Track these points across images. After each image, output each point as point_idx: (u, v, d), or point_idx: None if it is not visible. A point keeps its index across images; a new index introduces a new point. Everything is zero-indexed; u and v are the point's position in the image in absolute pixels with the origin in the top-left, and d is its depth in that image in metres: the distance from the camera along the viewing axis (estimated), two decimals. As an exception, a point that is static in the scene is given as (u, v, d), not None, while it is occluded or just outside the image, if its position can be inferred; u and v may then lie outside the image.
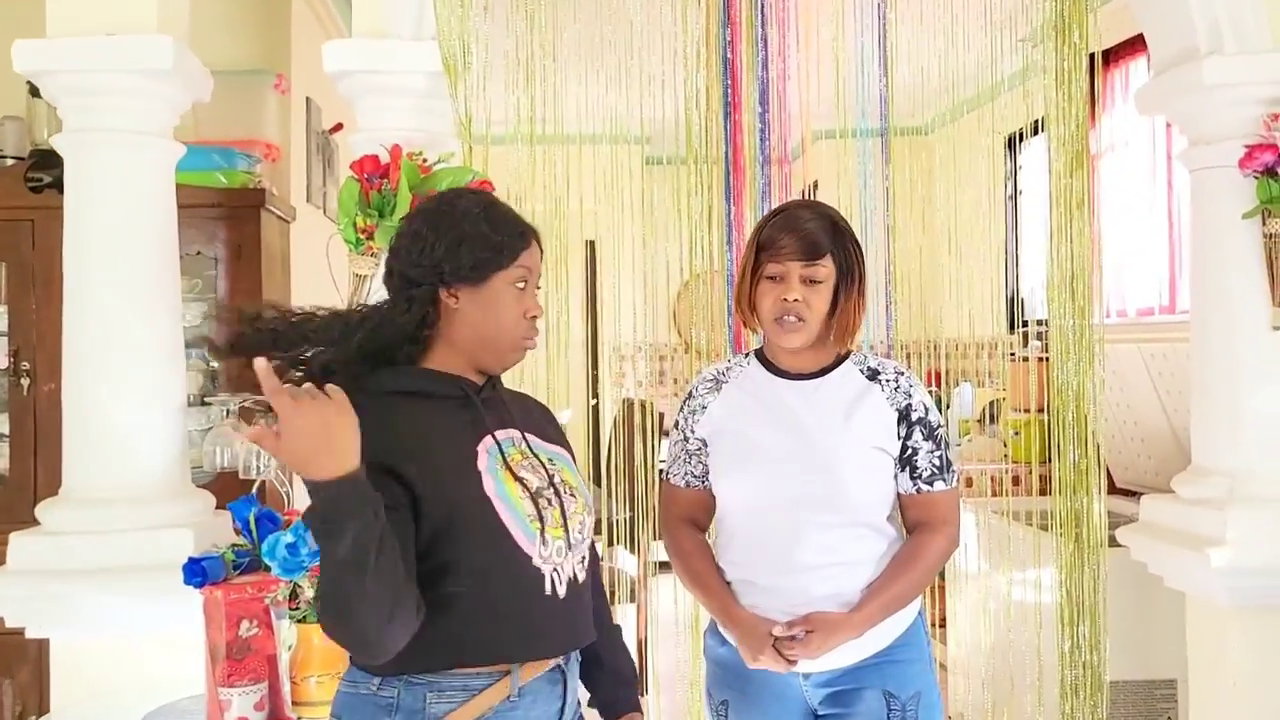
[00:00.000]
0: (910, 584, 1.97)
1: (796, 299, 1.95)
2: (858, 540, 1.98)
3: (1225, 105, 2.90)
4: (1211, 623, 2.96)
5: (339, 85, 2.81)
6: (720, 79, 2.70)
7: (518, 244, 1.67)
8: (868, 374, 2.03)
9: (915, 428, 1.99)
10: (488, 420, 1.66)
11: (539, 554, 1.59)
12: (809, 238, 1.95)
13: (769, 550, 1.99)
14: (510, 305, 1.66)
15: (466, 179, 2.61)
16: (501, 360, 1.71)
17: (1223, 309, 2.95)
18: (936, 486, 2.00)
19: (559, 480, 1.70)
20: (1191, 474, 3.05)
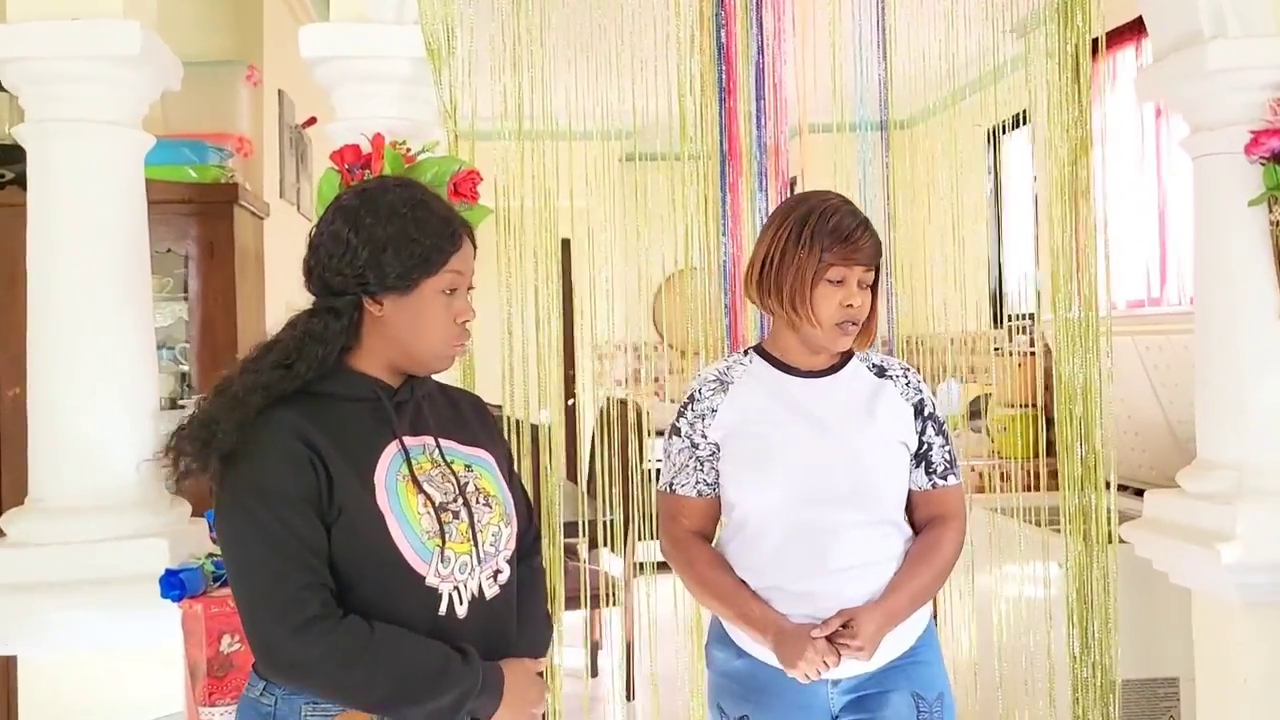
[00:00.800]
0: (932, 577, 1.95)
1: (858, 304, 1.92)
2: (884, 539, 1.94)
3: (1229, 90, 2.83)
4: (1220, 620, 2.89)
5: (316, 72, 2.69)
6: (715, 64, 2.60)
7: (447, 247, 1.57)
8: (875, 371, 2.01)
9: (928, 423, 1.99)
10: (398, 426, 1.58)
11: (435, 572, 1.52)
12: (874, 241, 1.93)
13: (800, 553, 1.91)
14: (438, 313, 1.58)
15: (453, 169, 2.50)
16: (426, 367, 1.63)
17: (1228, 299, 2.89)
18: (949, 481, 2.00)
19: (473, 489, 1.62)
20: (1197, 468, 2.98)
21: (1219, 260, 2.91)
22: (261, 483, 1.46)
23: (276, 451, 1.47)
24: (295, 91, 4.45)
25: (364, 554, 1.49)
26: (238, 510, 1.47)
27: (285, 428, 1.48)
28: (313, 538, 1.46)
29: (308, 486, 1.47)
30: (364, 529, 1.49)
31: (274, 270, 4.05)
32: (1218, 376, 2.92)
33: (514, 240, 2.56)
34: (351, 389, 1.57)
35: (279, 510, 1.45)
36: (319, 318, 1.56)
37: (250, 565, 1.46)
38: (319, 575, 1.46)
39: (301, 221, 4.59)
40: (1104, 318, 2.79)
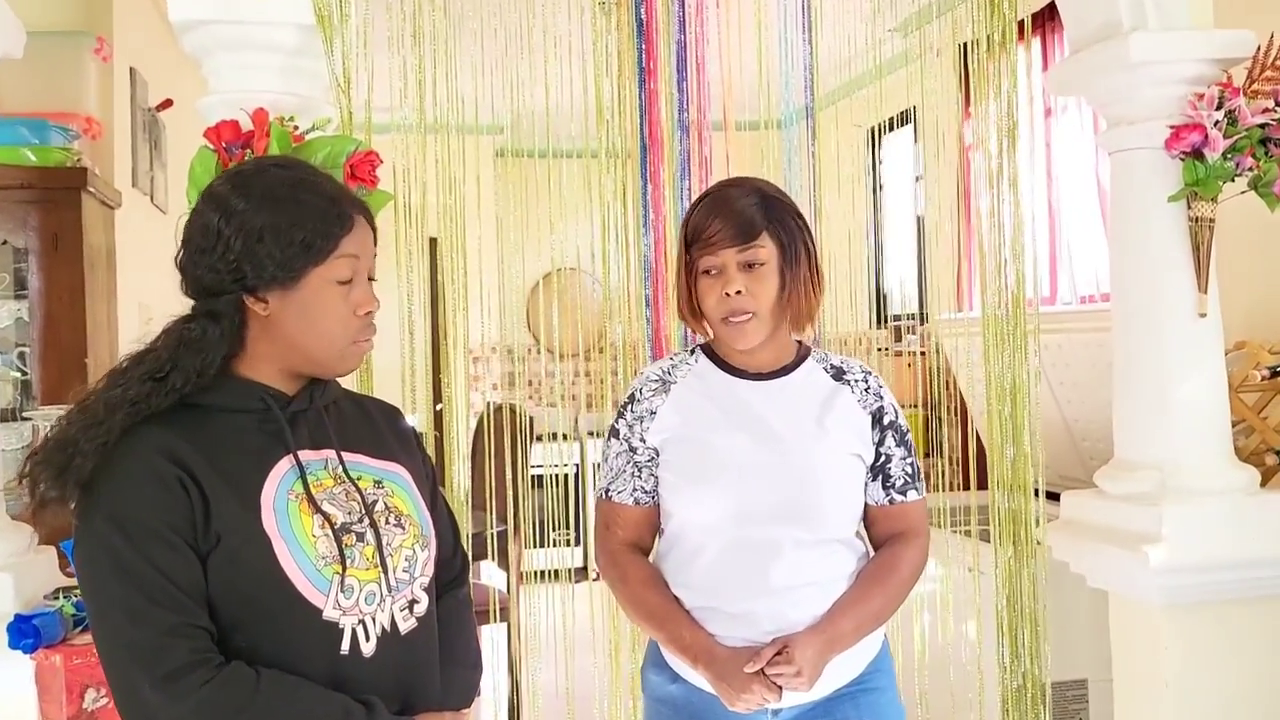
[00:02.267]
0: (886, 600, 1.79)
1: (739, 290, 1.71)
2: (831, 557, 1.78)
3: (1149, 84, 2.79)
4: (1141, 622, 2.84)
5: (185, 39, 2.38)
6: (633, 41, 2.40)
7: (335, 229, 1.38)
8: (832, 373, 1.85)
9: (888, 432, 1.83)
10: (293, 439, 1.39)
11: (335, 603, 1.33)
12: (738, 217, 1.72)
13: (737, 571, 1.74)
14: (333, 306, 1.39)
15: (348, 149, 2.24)
16: (330, 369, 1.44)
17: (1147, 296, 2.84)
18: (909, 496, 1.85)
19: (383, 507, 1.44)
20: (1116, 468, 2.93)
21: (1137, 257, 2.86)
22: (120, 510, 1.27)
23: (138, 473, 1.29)
24: (149, 70, 4.06)
25: (249, 585, 1.30)
26: (93, 543, 1.29)
27: (149, 446, 1.30)
28: (182, 572, 1.27)
29: (175, 512, 1.28)
30: (247, 556, 1.30)
31: (127, 266, 3.67)
32: (1138, 375, 2.87)
33: (415, 231, 2.30)
34: (236, 399, 1.39)
35: (140, 541, 1.26)
36: (195, 323, 1.38)
37: (108, 606, 1.27)
38: (190, 615, 1.27)
39: (156, 214, 4.19)
40: (1032, 314, 2.69)
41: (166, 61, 4.18)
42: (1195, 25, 2.81)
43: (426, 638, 1.47)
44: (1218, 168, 2.73)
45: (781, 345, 1.82)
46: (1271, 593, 2.78)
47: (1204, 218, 2.79)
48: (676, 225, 2.44)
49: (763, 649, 1.69)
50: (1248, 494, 2.80)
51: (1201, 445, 2.81)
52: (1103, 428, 3.86)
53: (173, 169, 4.33)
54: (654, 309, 2.45)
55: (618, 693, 2.94)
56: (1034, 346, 2.70)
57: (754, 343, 1.75)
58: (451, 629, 1.56)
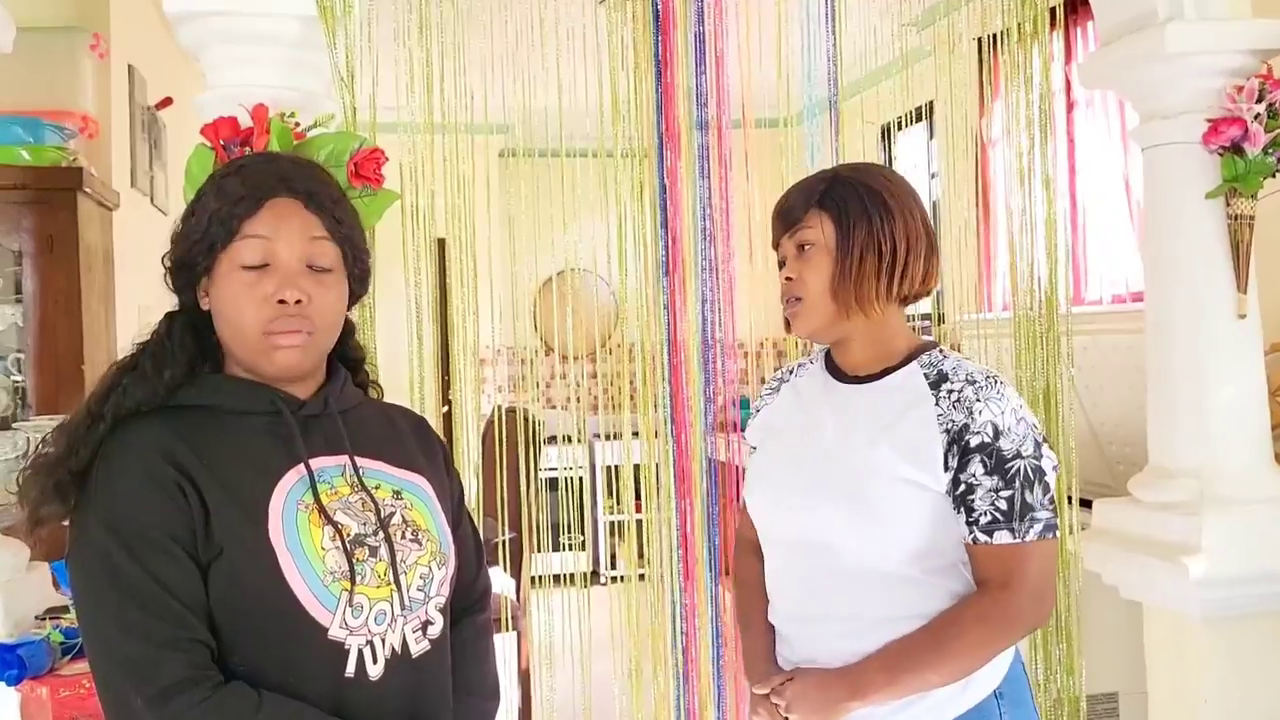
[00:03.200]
0: (938, 655, 1.52)
1: (790, 277, 1.60)
2: (884, 592, 1.56)
3: (1186, 76, 2.68)
4: (1178, 636, 2.73)
5: (182, 32, 2.27)
6: (650, 33, 2.29)
7: (240, 209, 1.28)
8: (933, 380, 1.58)
9: (975, 457, 1.51)
10: (307, 445, 1.30)
11: (341, 622, 1.24)
12: (787, 202, 1.63)
13: (785, 591, 1.66)
14: (239, 291, 1.28)
15: (352, 147, 2.13)
16: (256, 366, 1.31)
17: (1184, 297, 2.73)
18: (998, 537, 1.52)
19: (399, 521, 1.34)
20: (1152, 476, 2.81)
21: (1174, 257, 2.75)
22: (115, 515, 1.19)
23: (135, 476, 1.21)
24: (148, 67, 3.96)
25: (250, 600, 1.21)
26: (86, 551, 1.21)
27: (146, 445, 1.22)
28: (181, 582, 1.18)
29: (174, 518, 1.19)
30: (249, 569, 1.21)
31: (125, 269, 3.57)
32: (1174, 379, 2.76)
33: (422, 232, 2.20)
34: (243, 401, 1.30)
35: (136, 548, 1.17)
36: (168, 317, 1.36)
37: (102, 618, 1.19)
38: (189, 629, 1.18)
39: (155, 215, 4.09)
40: (1064, 316, 2.58)
41: (166, 58, 4.08)
42: (1232, 15, 2.70)
43: (439, 662, 1.37)
44: (1258, 163, 2.62)
45: (880, 342, 1.62)
46: (1314, 605, 2.68)
47: (1243, 215, 2.67)
48: (695, 224, 2.34)
49: (773, 676, 1.61)
50: (1291, 502, 2.69)
51: (1241, 452, 2.70)
52: (1131, 432, 3.75)
53: (173, 169, 4.22)
54: (671, 311, 2.34)
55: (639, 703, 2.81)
56: (1067, 351, 2.58)
57: (809, 331, 1.62)
58: (469, 656, 1.47)
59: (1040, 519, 1.53)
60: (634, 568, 2.79)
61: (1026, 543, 1.52)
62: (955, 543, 1.57)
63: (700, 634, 2.65)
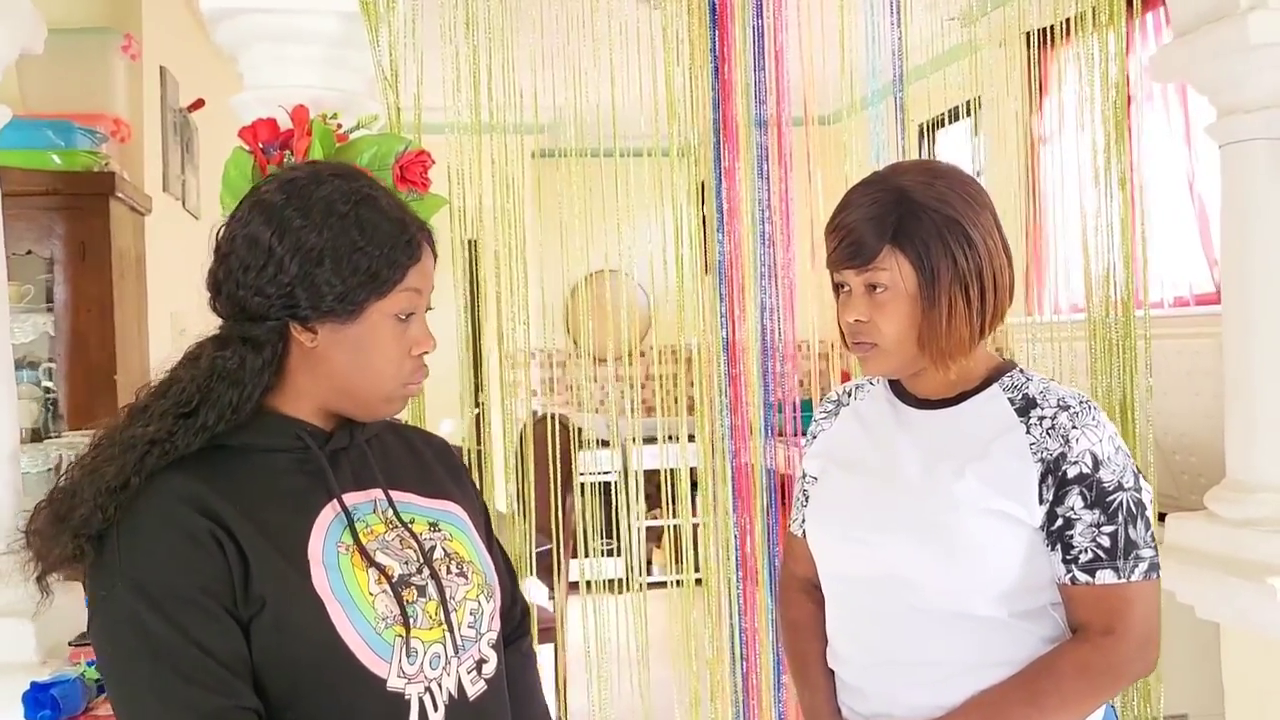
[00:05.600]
0: (1037, 707, 1.39)
1: (859, 319, 1.43)
2: (966, 637, 1.42)
3: (1269, 68, 2.53)
4: (1263, 657, 2.59)
5: (218, 31, 2.18)
6: (706, 26, 2.18)
7: (403, 258, 1.20)
8: (1020, 405, 1.45)
9: (1072, 489, 1.39)
10: (336, 480, 1.20)
11: (399, 671, 1.14)
12: (855, 231, 1.40)
13: (853, 636, 1.50)
14: (390, 344, 1.20)
15: (397, 150, 2.03)
16: (373, 412, 1.24)
17: (1265, 301, 2.59)
18: (1100, 577, 1.38)
19: (441, 554, 1.25)
20: (1231, 490, 2.67)
21: (1255, 258, 2.61)
22: (144, 574, 1.08)
23: (163, 530, 1.09)
24: (180, 68, 3.88)
25: (301, 656, 1.11)
26: (114, 615, 1.08)
27: (173, 496, 1.11)
28: (223, 645, 1.08)
29: (210, 573, 1.09)
30: (297, 623, 1.11)
31: (157, 276, 3.49)
32: (1257, 388, 2.61)
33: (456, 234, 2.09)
34: (270, 438, 1.20)
35: (170, 610, 1.06)
36: (232, 350, 1.18)
37: (137, 690, 1.07)
38: (234, 695, 1.07)
39: (188, 219, 4.01)
40: (1141, 319, 2.44)
41: (198, 59, 4.00)
42: (1317, 3, 2.56)
43: (498, 704, 1.27)
44: (1347, 159, 2.47)
45: (960, 368, 1.46)
46: (1407, 628, 2.53)
47: (1330, 214, 2.53)
48: (755, 225, 2.23)
49: None
50: (1380, 519, 2.55)
51: (1328, 465, 2.56)
52: (1197, 441, 3.60)
53: (205, 172, 4.15)
54: (729, 316, 2.22)
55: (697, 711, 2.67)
56: (1145, 359, 2.44)
57: (883, 373, 1.49)
58: (519, 689, 1.37)
59: (1145, 557, 1.40)
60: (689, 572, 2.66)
61: (1131, 582, 1.39)
62: (1047, 583, 1.44)
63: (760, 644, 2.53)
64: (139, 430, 1.14)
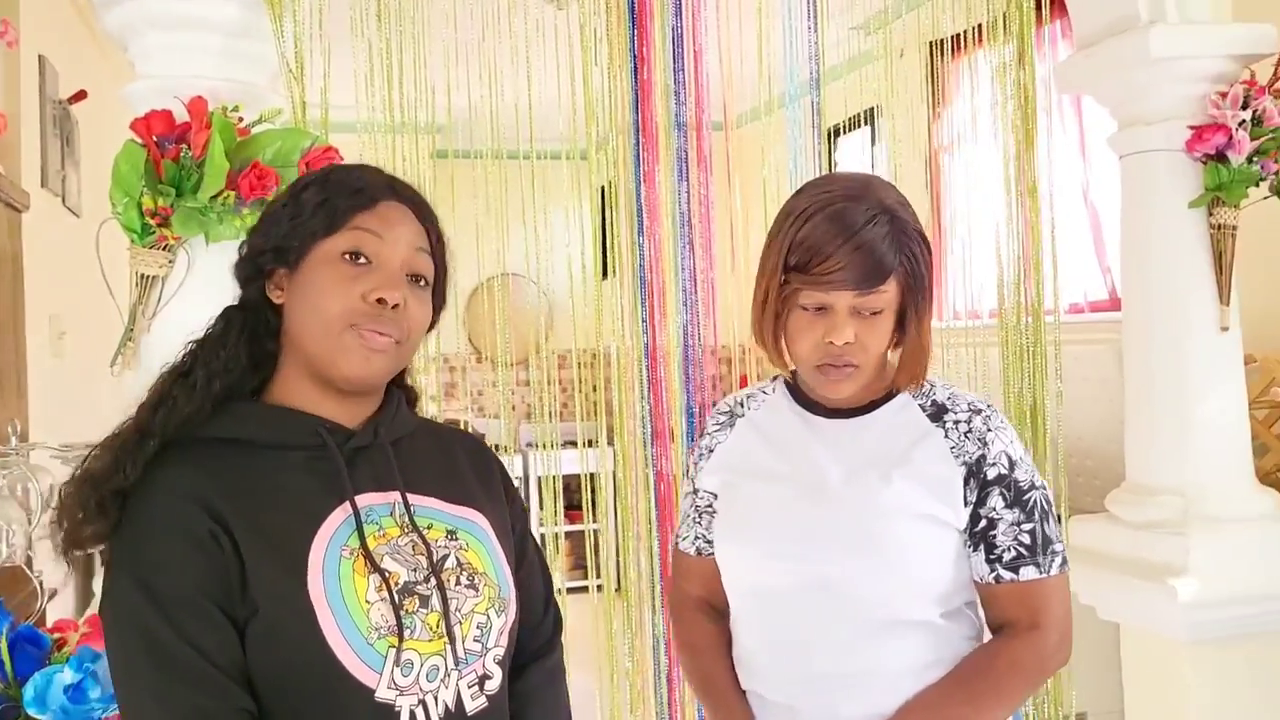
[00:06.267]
0: (976, 707, 1.40)
1: (849, 343, 1.38)
2: (899, 641, 1.42)
3: (1169, 81, 2.60)
4: (1163, 658, 2.65)
5: (108, 17, 2.06)
6: (625, 26, 2.13)
7: (349, 201, 1.20)
8: (931, 411, 1.47)
9: (994, 490, 1.42)
10: (355, 480, 1.18)
11: (390, 682, 1.12)
12: (868, 255, 1.34)
13: (780, 652, 1.45)
14: (335, 282, 1.17)
15: (303, 145, 1.94)
16: (329, 365, 1.18)
17: (1164, 309, 2.65)
18: (1024, 574, 1.42)
19: (453, 564, 1.21)
20: (1132, 493, 2.73)
21: (1155, 267, 2.67)
22: (147, 571, 1.09)
23: (167, 526, 1.10)
24: (60, 58, 3.67)
25: (289, 663, 1.10)
26: (119, 608, 1.10)
27: (180, 492, 1.11)
28: (218, 647, 1.08)
29: (208, 574, 1.09)
30: (288, 629, 1.10)
31: (35, 276, 3.28)
32: (1156, 393, 2.68)
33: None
34: (285, 433, 1.18)
35: (170, 609, 1.07)
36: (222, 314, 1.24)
37: (135, 688, 1.08)
38: (228, 698, 1.07)
39: (68, 217, 3.80)
40: (1051, 324, 2.48)
41: (80, 49, 3.80)
42: (1214, 18, 2.64)
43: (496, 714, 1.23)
44: (1242, 171, 2.55)
45: (875, 380, 1.47)
46: (1299, 625, 2.62)
47: (1225, 225, 2.61)
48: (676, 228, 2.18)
49: None
50: (1274, 520, 2.63)
51: (1225, 468, 2.63)
52: (1094, 445, 3.69)
53: (87, 168, 3.93)
54: (650, 328, 2.17)
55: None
56: (1055, 364, 2.48)
57: (848, 394, 1.45)
58: (542, 708, 1.32)
59: (1059, 551, 1.45)
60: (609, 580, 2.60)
61: (1051, 577, 1.43)
62: (968, 583, 1.46)
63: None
64: (151, 396, 1.18)
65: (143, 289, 1.98)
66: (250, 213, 1.91)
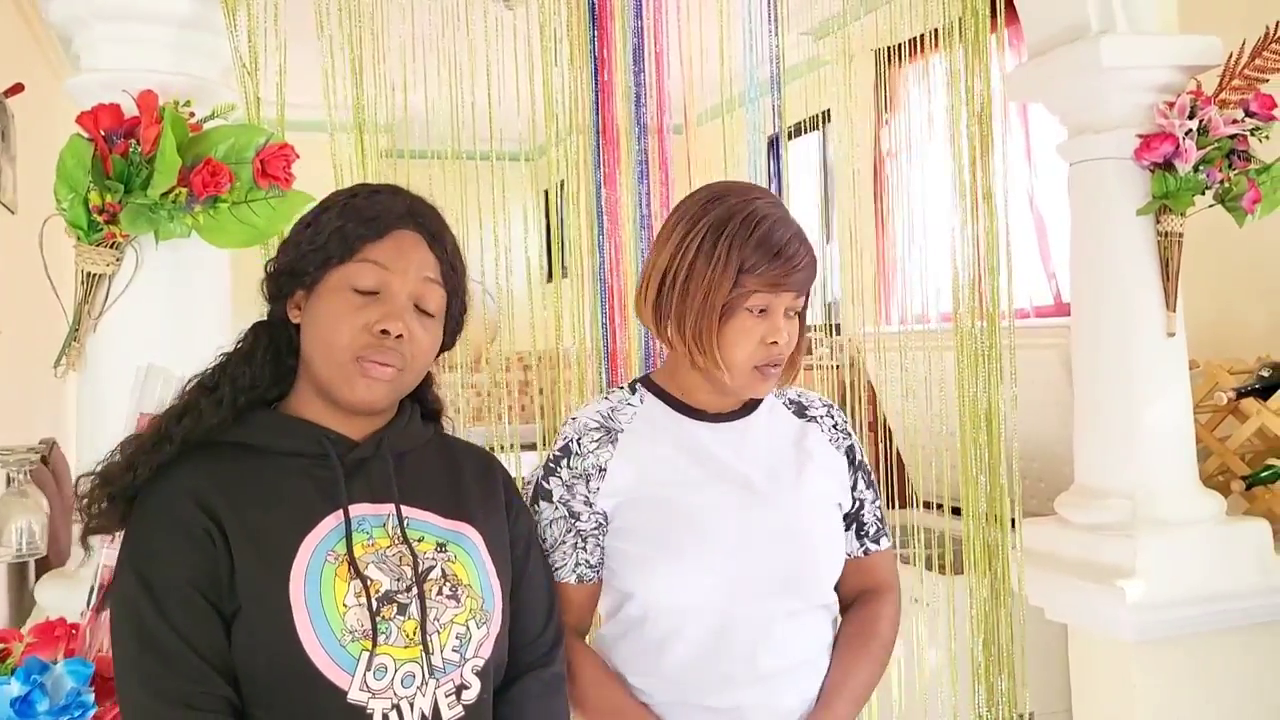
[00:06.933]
0: (873, 668, 1.55)
1: (785, 340, 1.45)
2: (818, 626, 1.53)
3: (1118, 90, 2.64)
4: (1109, 658, 2.69)
5: (52, 7, 1.99)
6: (586, 28, 2.11)
7: (364, 230, 1.24)
8: (795, 409, 1.59)
9: (859, 473, 1.60)
10: (351, 490, 1.24)
11: (362, 685, 1.17)
12: (815, 261, 1.46)
13: (723, 658, 1.45)
14: (344, 311, 1.23)
15: (257, 142, 1.89)
16: (337, 392, 1.24)
17: (1114, 315, 2.70)
18: (883, 544, 1.62)
19: (438, 575, 1.25)
20: (1080, 495, 2.77)
21: (1102, 274, 2.72)
22: (144, 562, 1.17)
23: (166, 522, 1.18)
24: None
25: (266, 660, 1.16)
26: (120, 594, 1.19)
27: (180, 490, 1.19)
28: (203, 636, 1.15)
29: (200, 568, 1.16)
30: (264, 626, 1.16)
31: (-32, 275, 3.18)
32: (1104, 398, 2.72)
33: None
34: (287, 441, 1.25)
35: (161, 599, 1.15)
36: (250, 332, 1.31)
37: (126, 668, 1.16)
38: (208, 684, 1.14)
39: (3, 214, 3.68)
40: (1006, 329, 2.51)
41: (16, 43, 3.68)
42: (1162, 30, 2.69)
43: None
44: (1189, 180, 2.60)
45: None
46: (1240, 625, 2.67)
47: (1172, 232, 2.66)
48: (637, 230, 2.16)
49: None
50: (1218, 523, 2.69)
51: (1171, 471, 2.68)
52: (1038, 448, 3.74)
53: (23, 163, 3.82)
54: (610, 331, 2.15)
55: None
56: (1010, 369, 2.51)
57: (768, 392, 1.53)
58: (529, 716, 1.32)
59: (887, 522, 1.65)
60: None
61: (891, 545, 1.64)
62: None
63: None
64: (177, 404, 1.25)
65: (89, 288, 1.92)
66: (202, 210, 1.86)
